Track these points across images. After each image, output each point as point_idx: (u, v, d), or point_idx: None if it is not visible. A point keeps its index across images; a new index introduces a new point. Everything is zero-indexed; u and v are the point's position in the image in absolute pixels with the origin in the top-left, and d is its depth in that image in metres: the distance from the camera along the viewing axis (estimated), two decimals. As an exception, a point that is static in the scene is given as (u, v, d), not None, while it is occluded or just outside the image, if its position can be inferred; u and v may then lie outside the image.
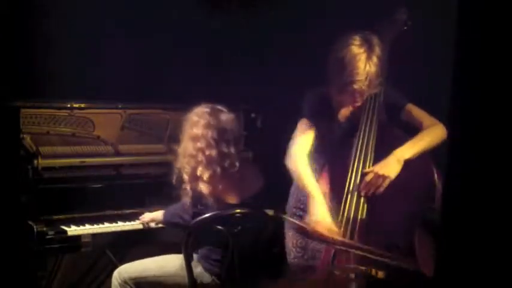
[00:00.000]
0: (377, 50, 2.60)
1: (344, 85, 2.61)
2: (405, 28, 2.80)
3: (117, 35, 4.05)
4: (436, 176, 2.53)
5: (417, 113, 2.70)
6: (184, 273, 3.03)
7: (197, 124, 3.10)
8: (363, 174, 2.56)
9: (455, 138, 1.39)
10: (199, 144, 3.06)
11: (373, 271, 2.41)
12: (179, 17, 4.19)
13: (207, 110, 3.15)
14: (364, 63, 2.56)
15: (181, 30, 4.18)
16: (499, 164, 1.30)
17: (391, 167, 2.53)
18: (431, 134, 2.59)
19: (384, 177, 2.52)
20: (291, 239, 2.84)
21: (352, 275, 2.41)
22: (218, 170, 3.03)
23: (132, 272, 3.17)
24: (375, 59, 2.58)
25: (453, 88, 1.37)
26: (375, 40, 2.62)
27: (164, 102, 4.03)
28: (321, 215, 2.53)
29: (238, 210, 3.03)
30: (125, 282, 3.17)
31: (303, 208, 2.78)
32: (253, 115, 4.21)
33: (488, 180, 1.32)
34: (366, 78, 2.57)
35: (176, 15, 4.19)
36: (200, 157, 3.04)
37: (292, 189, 2.90)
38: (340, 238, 2.51)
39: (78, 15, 3.91)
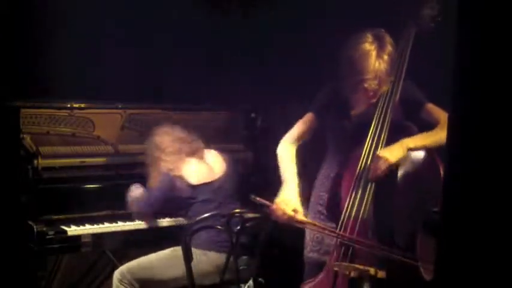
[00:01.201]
0: (388, 47, 2.59)
1: (355, 84, 2.61)
2: (433, 25, 2.69)
3: (117, 35, 4.05)
4: (442, 178, 2.48)
5: (437, 112, 2.67)
6: (179, 260, 3.09)
7: (161, 136, 3.53)
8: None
9: (455, 138, 1.39)
10: (165, 145, 3.50)
11: (373, 270, 2.40)
12: (179, 17, 4.19)
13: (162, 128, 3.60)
14: (374, 60, 2.56)
15: (181, 30, 4.18)
16: (499, 164, 1.30)
17: (392, 151, 2.53)
18: (444, 132, 2.57)
19: (384, 160, 2.52)
20: (309, 233, 2.85)
21: (354, 273, 2.41)
22: (184, 157, 3.49)
23: (130, 266, 3.23)
24: (385, 57, 2.57)
25: (453, 88, 1.37)
26: (387, 38, 2.61)
27: (164, 102, 4.03)
28: (286, 194, 2.64)
29: (237, 210, 3.05)
30: (124, 277, 3.20)
31: (322, 204, 2.81)
32: (253, 115, 4.21)
33: (488, 180, 1.32)
34: (376, 76, 2.56)
35: (176, 15, 4.19)
36: (170, 155, 3.47)
37: (315, 187, 2.92)
38: (302, 218, 2.60)
39: (78, 15, 3.91)
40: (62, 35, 3.87)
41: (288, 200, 2.62)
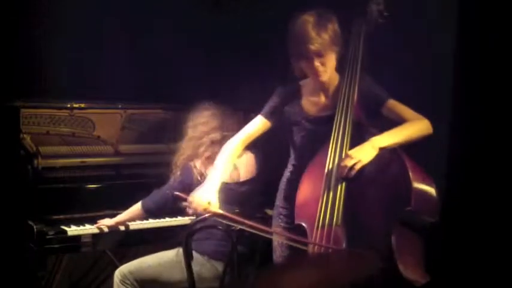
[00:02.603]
0: (330, 22, 2.61)
1: (299, 48, 2.62)
2: (381, 21, 2.68)
3: (117, 35, 4.05)
4: (411, 177, 2.41)
5: (400, 108, 2.62)
6: (181, 264, 3.06)
7: (201, 115, 3.47)
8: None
9: (455, 141, 1.40)
10: (204, 128, 3.42)
11: None
12: (179, 17, 4.20)
13: (206, 105, 3.52)
14: (314, 28, 2.58)
15: (181, 30, 4.18)
16: (498, 166, 1.31)
17: (364, 152, 2.48)
18: (413, 127, 2.53)
19: (356, 160, 2.46)
20: (277, 237, 2.83)
21: None
22: (217, 150, 3.10)
23: (131, 267, 3.22)
24: (329, 25, 2.59)
25: (454, 90, 1.37)
26: (329, 15, 2.63)
27: (164, 102, 4.03)
28: (203, 188, 2.69)
29: (237, 211, 3.05)
30: (125, 277, 3.20)
31: (287, 207, 2.79)
32: (253, 115, 4.20)
33: (487, 183, 1.32)
34: (318, 40, 2.57)
35: (176, 15, 4.19)
36: (204, 139, 3.39)
37: (279, 190, 2.91)
38: (216, 210, 2.61)
39: (78, 15, 3.91)
40: (62, 35, 3.87)
41: (203, 192, 2.66)
